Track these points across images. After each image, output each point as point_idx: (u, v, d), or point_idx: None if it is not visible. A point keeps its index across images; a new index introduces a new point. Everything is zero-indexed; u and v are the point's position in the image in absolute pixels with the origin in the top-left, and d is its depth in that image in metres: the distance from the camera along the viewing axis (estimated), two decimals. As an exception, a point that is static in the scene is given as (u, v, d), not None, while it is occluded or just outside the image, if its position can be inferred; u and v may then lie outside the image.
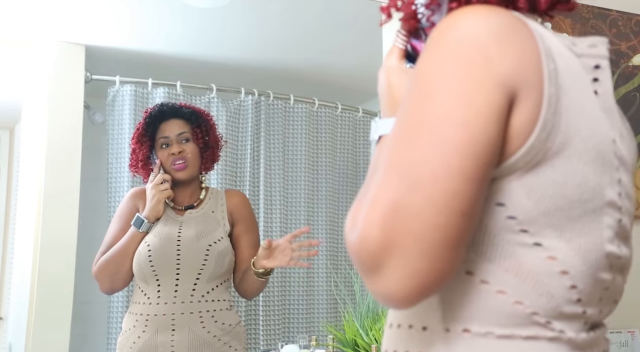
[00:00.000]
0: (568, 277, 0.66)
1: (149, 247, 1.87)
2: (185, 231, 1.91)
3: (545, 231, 0.66)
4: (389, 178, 0.63)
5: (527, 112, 0.64)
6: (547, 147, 0.65)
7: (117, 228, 1.93)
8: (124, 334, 1.88)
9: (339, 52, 2.65)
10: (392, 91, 0.80)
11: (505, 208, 0.66)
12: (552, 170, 0.65)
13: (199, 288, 1.87)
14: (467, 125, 0.62)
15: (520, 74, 0.64)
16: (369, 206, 0.63)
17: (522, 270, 0.66)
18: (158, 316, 1.83)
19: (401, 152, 0.64)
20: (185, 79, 2.54)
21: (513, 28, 0.66)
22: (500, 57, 0.64)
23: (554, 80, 0.66)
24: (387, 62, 0.84)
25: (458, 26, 0.66)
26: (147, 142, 1.97)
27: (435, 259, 0.60)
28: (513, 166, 0.65)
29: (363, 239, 0.62)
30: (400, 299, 0.62)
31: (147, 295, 1.86)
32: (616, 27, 2.33)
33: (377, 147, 0.76)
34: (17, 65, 2.47)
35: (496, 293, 0.66)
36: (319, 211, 2.70)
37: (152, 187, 1.92)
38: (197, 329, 1.85)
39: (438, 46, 0.66)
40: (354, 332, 1.88)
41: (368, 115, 2.92)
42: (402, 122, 0.66)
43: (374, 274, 0.62)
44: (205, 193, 2.02)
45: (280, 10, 2.40)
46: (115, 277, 1.89)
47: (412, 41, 0.83)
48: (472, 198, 0.61)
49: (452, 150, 0.61)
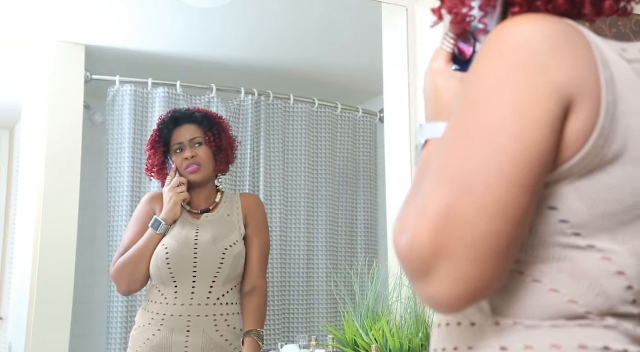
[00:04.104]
0: (625, 278, 0.67)
1: (166, 250, 1.90)
2: (202, 234, 1.94)
3: (598, 234, 0.67)
4: (441, 185, 0.63)
5: (584, 120, 0.65)
6: (604, 154, 0.65)
7: (135, 231, 1.96)
8: (139, 329, 1.91)
9: (339, 52, 2.65)
10: (439, 94, 0.80)
11: (558, 212, 0.66)
12: (606, 176, 0.66)
13: (215, 291, 1.91)
14: (521, 135, 0.62)
15: (577, 82, 0.65)
16: (420, 212, 0.64)
17: (577, 271, 0.67)
18: (174, 317, 1.87)
19: (453, 160, 0.64)
20: (185, 79, 2.55)
21: (569, 37, 0.67)
22: (557, 66, 0.64)
23: (611, 88, 0.66)
24: (433, 64, 0.83)
25: (514, 34, 0.66)
26: (162, 148, 2.02)
27: (486, 266, 0.61)
28: (567, 172, 0.66)
29: (414, 245, 0.63)
30: (449, 305, 0.63)
31: (165, 295, 1.89)
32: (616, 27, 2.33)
33: (424, 152, 0.75)
34: (17, 65, 2.47)
35: (549, 291, 0.67)
36: (319, 211, 2.70)
37: (169, 190, 1.96)
38: (211, 332, 1.88)
39: (493, 53, 0.67)
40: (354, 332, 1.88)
41: (368, 115, 2.92)
42: (454, 128, 0.66)
43: (423, 280, 0.63)
44: (221, 197, 2.05)
45: (280, 11, 2.40)
46: (132, 278, 1.92)
47: (460, 45, 0.82)
48: (524, 207, 0.62)
49: (505, 160, 0.62)
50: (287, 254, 2.60)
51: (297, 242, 2.63)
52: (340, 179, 2.81)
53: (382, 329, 1.80)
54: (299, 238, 2.64)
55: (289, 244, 2.61)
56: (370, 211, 2.83)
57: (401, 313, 1.90)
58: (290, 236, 2.62)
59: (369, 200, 2.84)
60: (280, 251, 2.58)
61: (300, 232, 2.64)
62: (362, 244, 2.80)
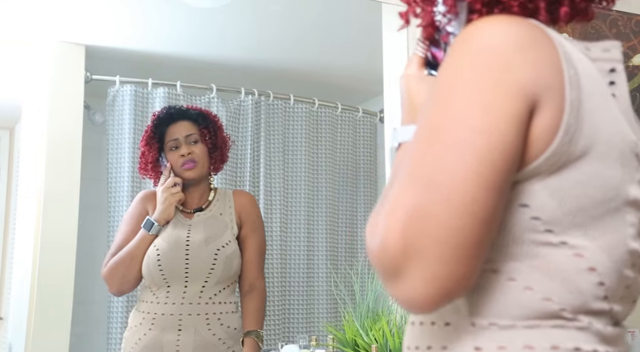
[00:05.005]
0: (596, 274, 0.67)
1: (158, 251, 1.89)
2: (194, 235, 1.93)
3: (570, 230, 0.67)
4: (408, 183, 0.64)
5: (549, 118, 0.65)
6: (570, 150, 0.66)
7: (127, 230, 1.95)
8: (130, 330, 1.90)
9: (339, 52, 2.65)
10: (412, 98, 0.81)
11: (530, 209, 0.67)
12: (575, 172, 0.66)
13: (206, 291, 1.89)
14: (485, 132, 0.63)
15: (541, 80, 0.65)
16: (388, 211, 0.64)
17: (550, 268, 0.67)
18: (165, 315, 1.86)
19: (420, 158, 0.65)
20: (185, 79, 2.54)
21: (533, 36, 0.67)
22: (521, 64, 0.65)
23: (575, 85, 0.66)
24: (407, 70, 0.84)
25: (478, 35, 0.67)
26: (156, 144, 2.00)
27: (454, 264, 0.61)
28: (536, 170, 0.66)
29: (383, 244, 0.63)
30: (421, 305, 0.63)
31: (156, 295, 1.89)
32: (616, 27, 2.33)
33: (397, 154, 0.76)
34: (17, 65, 2.47)
35: (524, 289, 0.67)
36: (319, 211, 2.70)
37: (163, 190, 1.93)
38: (203, 330, 1.87)
39: (458, 54, 0.67)
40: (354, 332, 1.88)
41: (368, 115, 2.92)
42: (421, 128, 0.67)
43: (394, 280, 0.63)
44: (214, 194, 2.03)
45: (281, 11, 2.40)
46: (124, 279, 1.91)
47: (432, 49, 0.84)
48: (491, 203, 0.62)
49: (471, 157, 0.62)
50: (287, 254, 2.60)
51: (297, 242, 2.63)
52: (340, 179, 2.81)
53: (382, 329, 1.80)
54: (299, 238, 2.64)
55: (289, 244, 2.61)
56: (370, 211, 2.81)
57: (401, 313, 1.90)
58: (290, 236, 2.62)
59: (369, 200, 2.84)
60: (280, 251, 2.58)
61: (300, 232, 2.64)
62: (362, 244, 2.80)
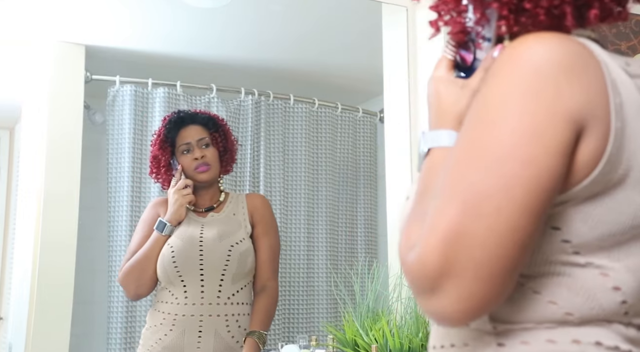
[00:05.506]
0: (620, 293, 0.68)
1: (172, 249, 1.91)
2: (207, 231, 1.95)
3: (596, 252, 0.68)
4: (451, 204, 0.64)
5: (593, 146, 0.65)
6: (609, 178, 0.66)
7: (141, 236, 1.97)
8: (150, 329, 1.91)
9: (339, 52, 2.65)
10: (440, 101, 0.80)
11: (561, 232, 0.68)
12: (609, 199, 0.67)
13: (224, 289, 1.91)
14: (534, 162, 0.63)
15: (588, 108, 0.65)
16: (428, 229, 0.64)
17: (576, 285, 0.68)
18: (186, 317, 1.87)
19: (464, 179, 0.65)
20: (185, 79, 2.55)
21: (582, 60, 0.66)
22: (570, 91, 0.64)
23: (620, 115, 0.66)
24: (435, 72, 0.83)
25: (527, 55, 0.66)
26: (169, 148, 2.02)
27: (491, 285, 0.63)
28: (574, 195, 0.67)
29: (422, 263, 0.64)
30: (456, 320, 0.65)
31: (175, 295, 1.90)
32: (616, 27, 2.33)
33: (428, 160, 0.76)
34: (17, 65, 2.47)
35: (547, 303, 0.69)
36: (319, 211, 2.70)
37: (174, 192, 1.96)
38: (223, 332, 1.89)
39: (506, 75, 0.66)
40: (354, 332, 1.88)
41: (368, 115, 2.92)
42: (465, 147, 0.67)
43: (430, 295, 0.65)
44: (225, 197, 2.06)
45: (281, 11, 2.40)
46: (139, 282, 1.92)
47: (461, 52, 0.83)
48: (531, 231, 0.63)
49: (517, 186, 0.62)
50: (287, 254, 2.60)
51: (297, 242, 2.63)
52: (340, 179, 2.81)
53: (382, 329, 1.79)
54: (299, 238, 2.64)
55: (289, 244, 2.61)
56: (370, 211, 2.83)
57: (401, 313, 1.90)
58: (290, 236, 2.62)
59: (369, 200, 2.84)
60: (281, 250, 2.58)
61: (300, 232, 2.64)
62: (362, 244, 2.80)
